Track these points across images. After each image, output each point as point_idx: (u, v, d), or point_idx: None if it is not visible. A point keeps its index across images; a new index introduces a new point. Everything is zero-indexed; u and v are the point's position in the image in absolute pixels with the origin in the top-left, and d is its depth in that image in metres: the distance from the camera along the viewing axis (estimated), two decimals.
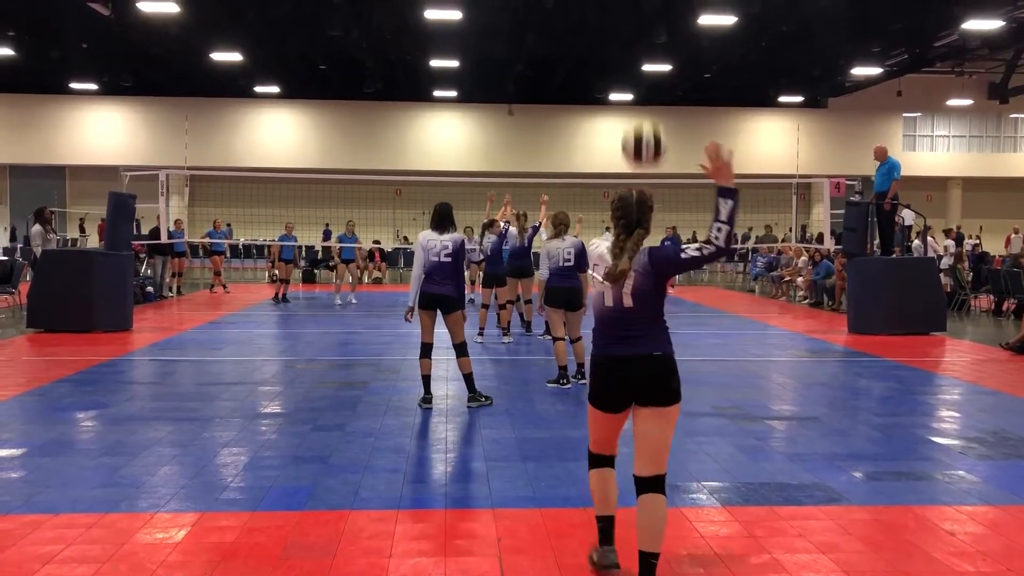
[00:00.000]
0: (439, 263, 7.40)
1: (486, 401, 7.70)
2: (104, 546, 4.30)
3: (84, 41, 25.61)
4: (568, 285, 8.56)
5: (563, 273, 8.56)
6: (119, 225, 13.52)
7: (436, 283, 7.41)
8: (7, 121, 32.98)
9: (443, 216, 7.53)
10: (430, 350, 7.60)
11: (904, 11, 22.30)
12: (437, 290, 7.41)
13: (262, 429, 6.80)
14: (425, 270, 7.44)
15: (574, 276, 8.53)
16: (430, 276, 7.43)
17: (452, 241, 7.45)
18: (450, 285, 7.42)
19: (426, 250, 7.43)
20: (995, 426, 7.07)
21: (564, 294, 8.53)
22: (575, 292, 8.52)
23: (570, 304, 8.58)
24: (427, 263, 7.42)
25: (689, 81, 30.82)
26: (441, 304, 7.43)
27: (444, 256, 7.40)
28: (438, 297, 7.41)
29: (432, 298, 7.42)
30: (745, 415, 7.49)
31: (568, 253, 8.57)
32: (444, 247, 7.41)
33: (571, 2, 21.24)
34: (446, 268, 7.40)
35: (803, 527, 4.66)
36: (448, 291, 7.41)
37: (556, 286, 8.58)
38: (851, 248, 13.97)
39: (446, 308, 7.44)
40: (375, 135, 33.81)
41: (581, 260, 8.45)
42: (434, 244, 7.42)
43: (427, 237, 7.48)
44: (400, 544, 4.37)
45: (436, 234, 7.47)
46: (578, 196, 31.22)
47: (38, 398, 7.93)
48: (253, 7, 22.19)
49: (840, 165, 31.41)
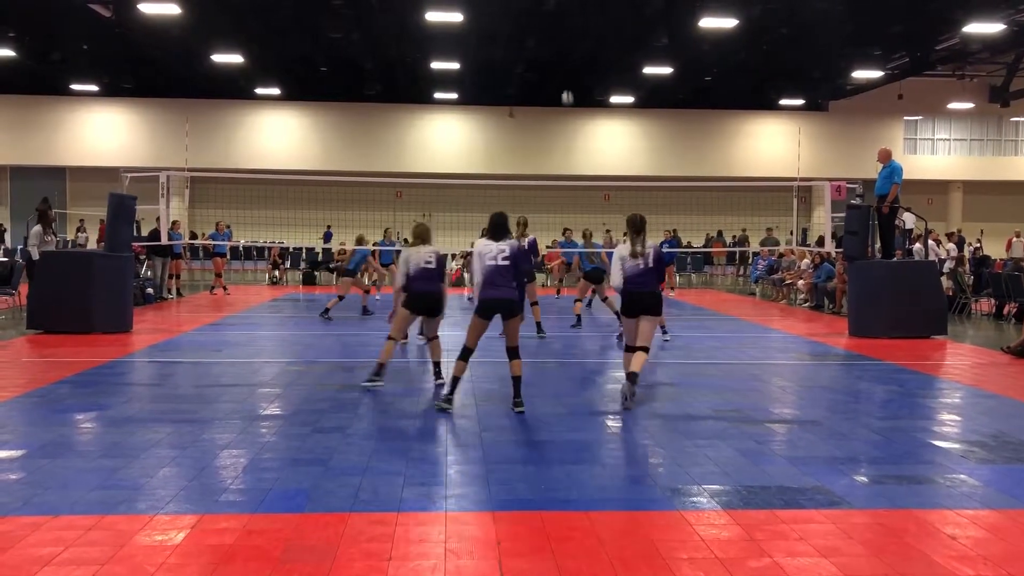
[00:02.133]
0: (497, 267, 7.34)
1: (520, 409, 7.43)
2: (103, 548, 4.28)
3: (85, 42, 25.63)
4: (429, 290, 8.42)
5: (425, 277, 8.41)
6: (119, 227, 13.52)
7: (497, 288, 7.34)
8: (8, 122, 32.98)
9: (499, 226, 7.52)
10: (470, 355, 7.51)
11: (905, 14, 22.31)
12: (498, 295, 7.33)
13: (262, 431, 6.79)
14: (483, 276, 7.37)
15: (435, 281, 8.46)
16: (490, 281, 7.36)
17: (509, 245, 7.41)
18: (512, 289, 7.36)
19: (482, 256, 7.38)
20: (996, 430, 7.06)
21: (425, 300, 8.43)
22: (435, 297, 8.49)
23: (430, 311, 8.62)
24: (484, 268, 7.36)
25: (690, 84, 30.83)
26: (503, 309, 7.35)
27: (502, 259, 7.34)
28: (501, 302, 7.34)
29: (494, 303, 7.34)
30: (745, 418, 7.48)
31: (430, 258, 8.43)
32: (501, 250, 7.37)
33: (572, 5, 21.25)
34: (505, 271, 7.33)
35: (804, 531, 4.65)
36: (510, 295, 7.35)
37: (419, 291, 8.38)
38: (852, 251, 13.96)
39: (509, 312, 7.37)
40: (376, 137, 33.82)
41: (442, 267, 8.49)
42: (490, 249, 7.40)
43: (483, 243, 7.47)
44: (400, 547, 4.36)
45: (492, 242, 7.45)
46: (579, 199, 31.30)
47: (37, 399, 7.91)
48: (254, 9, 22.21)
49: (841, 168, 31.40)
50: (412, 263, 8.41)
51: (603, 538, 4.50)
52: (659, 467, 5.88)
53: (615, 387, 9.03)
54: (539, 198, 25.89)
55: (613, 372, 10.09)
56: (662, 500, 5.16)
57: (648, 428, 7.07)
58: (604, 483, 5.51)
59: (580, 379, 9.65)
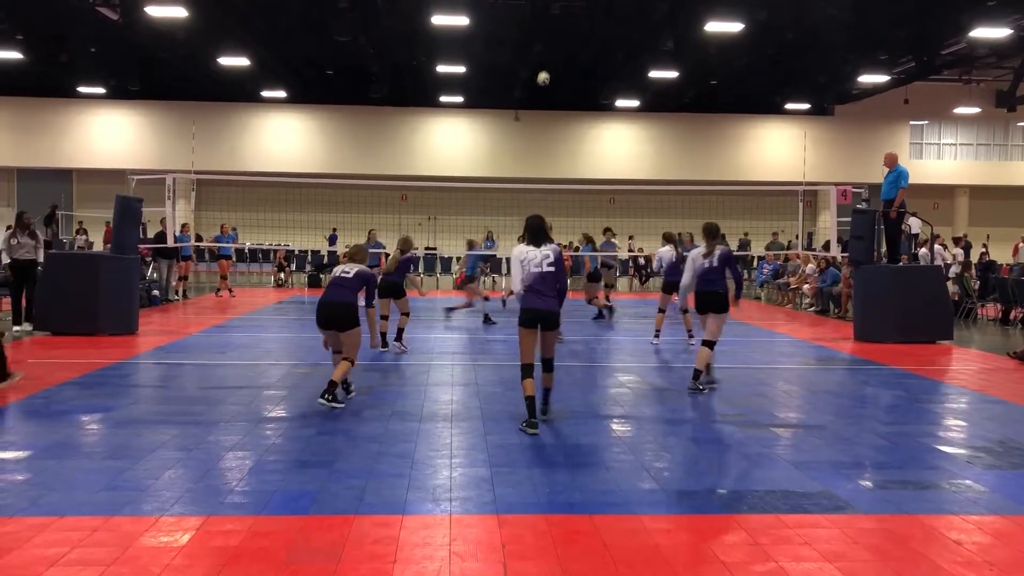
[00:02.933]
0: (542, 274, 6.99)
1: (545, 418, 7.27)
2: (109, 549, 4.30)
3: (92, 45, 25.71)
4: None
5: (336, 284, 7.96)
6: (125, 229, 13.55)
7: (541, 297, 6.98)
8: (15, 124, 33.10)
9: (538, 230, 7.18)
10: (532, 370, 7.06)
11: (911, 19, 22.28)
12: (543, 306, 6.97)
13: (267, 433, 6.80)
14: (525, 284, 7.02)
15: (345, 292, 7.88)
16: (534, 290, 7.00)
17: (552, 251, 7.09)
18: (554, 299, 7.03)
19: (526, 262, 7.04)
20: (1002, 435, 7.04)
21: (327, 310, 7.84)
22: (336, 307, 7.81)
23: (332, 322, 7.86)
24: (528, 276, 7.00)
25: (695, 88, 30.83)
26: (545, 320, 7.02)
27: (547, 265, 7.00)
28: (544, 314, 6.98)
29: (537, 314, 6.98)
30: (751, 422, 7.47)
31: (348, 270, 8.07)
32: (545, 256, 7.03)
33: (578, 9, 21.27)
34: (549, 279, 6.99)
35: (809, 535, 4.64)
36: (553, 306, 7.02)
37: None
38: (858, 256, 13.93)
39: (550, 324, 7.05)
40: (381, 140, 33.87)
41: (363, 283, 8.00)
42: (535, 255, 7.05)
43: (524, 249, 7.13)
44: (404, 550, 4.36)
45: (534, 247, 7.11)
46: (584, 202, 31.31)
47: (43, 401, 7.94)
48: (261, 12, 22.28)
49: (847, 173, 31.38)
50: (333, 272, 8.11)
51: (608, 542, 4.50)
52: (664, 471, 5.87)
53: (619, 390, 9.04)
54: (544, 201, 25.86)
55: (617, 375, 10.09)
56: (667, 504, 5.16)
57: (653, 432, 7.06)
58: (609, 486, 5.51)
59: (584, 382, 9.65)
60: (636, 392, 8.97)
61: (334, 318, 7.75)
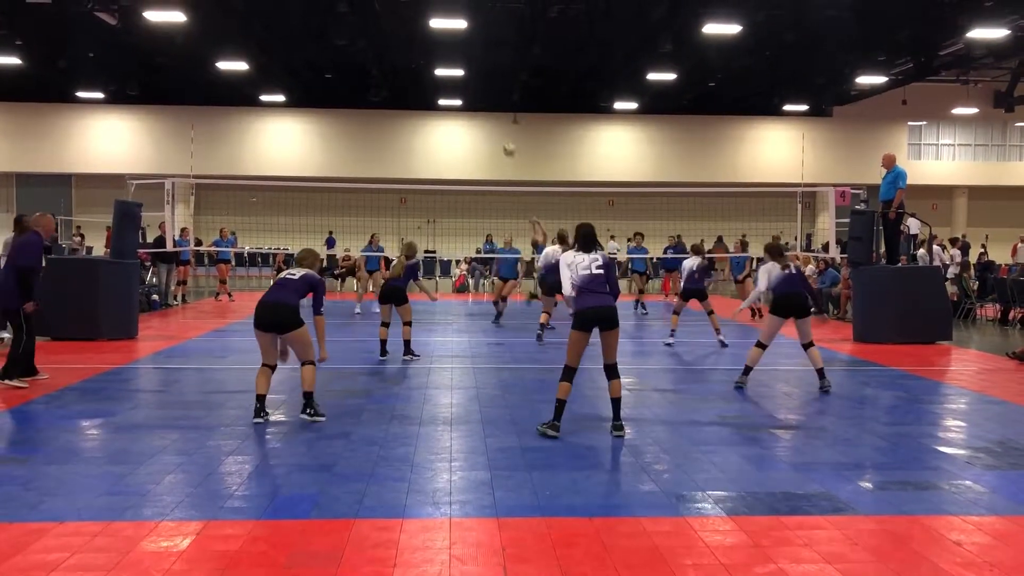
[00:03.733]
0: (592, 275, 6.85)
1: (626, 433, 6.95)
2: (109, 554, 4.30)
3: (91, 50, 25.73)
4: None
5: (278, 285, 7.63)
6: (125, 233, 13.56)
7: (597, 295, 6.80)
8: (14, 129, 33.11)
9: (589, 237, 7.08)
10: (574, 375, 6.87)
11: (909, 20, 22.31)
12: (600, 302, 6.75)
13: (267, 437, 6.80)
14: (580, 284, 6.86)
15: (287, 292, 7.47)
16: (588, 289, 6.82)
17: (602, 256, 6.99)
18: (610, 296, 6.86)
19: (575, 266, 6.92)
20: (1002, 436, 7.04)
21: (268, 311, 7.44)
22: (277, 309, 7.39)
23: (274, 325, 7.42)
24: (580, 277, 6.86)
25: (694, 90, 30.85)
26: (605, 319, 6.76)
27: (596, 268, 6.87)
28: (602, 311, 6.73)
29: (595, 312, 6.73)
30: (750, 424, 7.47)
31: (294, 272, 7.73)
32: (594, 259, 6.92)
33: (575, 11, 21.30)
34: (601, 280, 6.85)
35: (809, 537, 4.64)
36: (611, 303, 6.82)
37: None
38: (857, 257, 13.94)
39: (610, 322, 6.78)
40: (380, 143, 33.87)
41: (311, 287, 7.61)
42: (583, 259, 6.94)
43: (572, 255, 7.02)
44: (405, 553, 4.37)
45: (583, 253, 7.00)
46: (583, 205, 31.28)
47: (43, 406, 7.94)
48: (259, 16, 22.28)
49: (845, 174, 31.39)
50: (280, 276, 7.76)
51: (608, 544, 4.50)
52: (664, 473, 5.87)
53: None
54: (543, 204, 25.88)
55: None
56: (667, 506, 5.16)
57: (653, 434, 7.06)
58: (609, 489, 5.51)
59: (585, 385, 9.64)
60: (636, 394, 8.97)
61: (273, 319, 7.30)
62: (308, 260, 7.90)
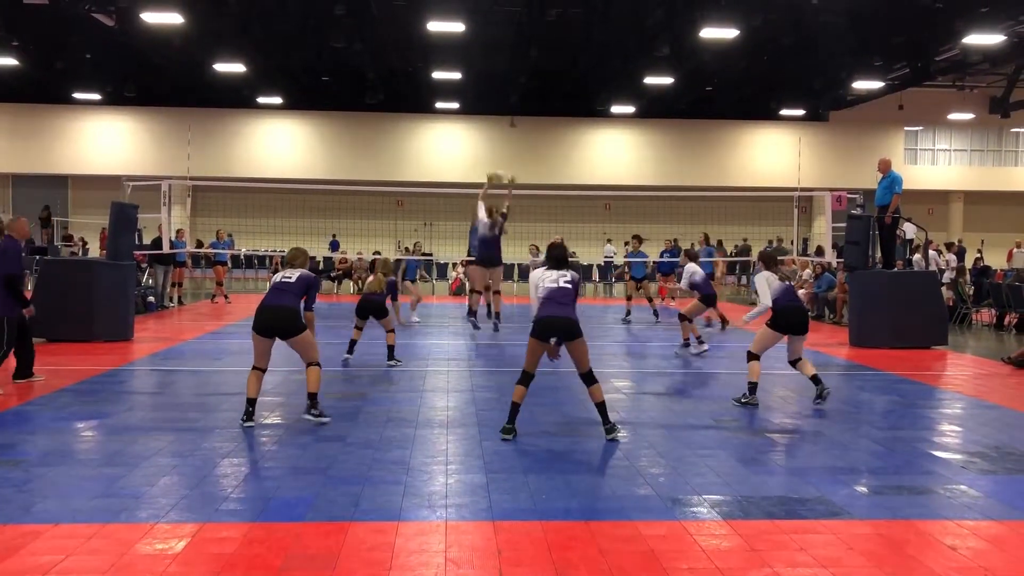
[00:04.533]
0: (559, 288, 6.92)
1: (620, 434, 6.98)
2: (104, 557, 4.29)
3: (88, 51, 25.73)
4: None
5: (277, 289, 7.54)
6: (121, 235, 13.54)
7: (559, 305, 6.84)
8: (11, 130, 33.07)
9: (560, 260, 7.17)
10: (530, 380, 6.95)
11: (906, 25, 22.37)
12: (559, 312, 6.79)
13: (262, 440, 6.79)
14: (542, 296, 6.92)
15: (288, 295, 7.45)
16: (551, 299, 6.87)
17: (571, 274, 7.08)
18: (571, 307, 6.89)
19: (542, 280, 7.02)
20: (997, 440, 7.06)
21: (272, 314, 7.40)
22: (282, 313, 7.36)
23: (280, 331, 7.38)
24: (545, 290, 6.93)
25: (691, 94, 30.90)
26: (563, 329, 6.80)
27: (563, 282, 6.95)
28: (560, 320, 6.78)
29: (552, 322, 6.79)
30: (746, 428, 7.48)
31: (290, 275, 7.60)
32: (563, 274, 7.02)
33: (573, 15, 21.33)
34: (566, 293, 6.91)
35: (805, 541, 4.65)
36: (571, 314, 6.84)
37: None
38: (853, 261, 13.97)
39: (568, 333, 6.80)
40: (377, 146, 33.89)
41: (306, 287, 7.53)
42: (550, 274, 7.04)
43: (539, 272, 7.15)
44: (400, 556, 4.36)
45: (553, 270, 7.09)
46: (580, 208, 31.34)
47: (39, 407, 7.92)
48: (257, 19, 22.29)
49: (842, 178, 31.45)
50: (274, 278, 7.70)
51: (604, 548, 4.50)
52: (660, 477, 5.87)
53: (615, 396, 9.04)
54: (540, 207, 25.92)
55: (614, 381, 10.09)
56: (663, 510, 5.16)
57: (649, 437, 7.06)
58: (605, 492, 5.51)
59: (580, 388, 9.63)
60: (632, 397, 8.98)
61: (276, 325, 7.27)
62: (300, 259, 7.84)
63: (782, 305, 8.63)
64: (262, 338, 7.31)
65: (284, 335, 7.31)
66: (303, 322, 7.37)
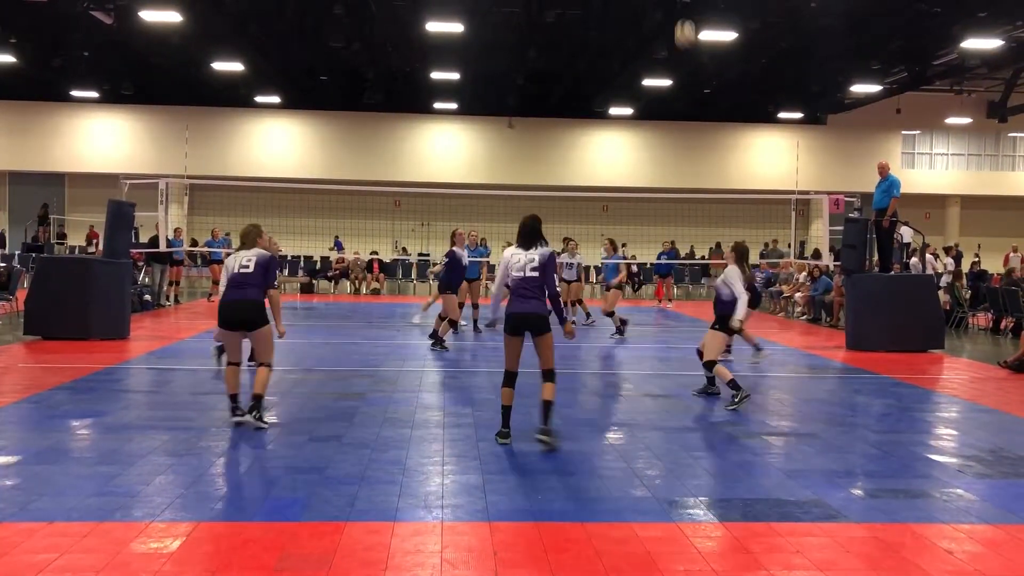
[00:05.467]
0: (525, 278, 6.69)
1: (554, 441, 6.67)
2: (98, 555, 4.27)
3: (86, 49, 25.65)
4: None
5: (238, 283, 7.33)
6: (118, 233, 13.51)
7: (526, 300, 6.66)
8: (7, 128, 32.98)
9: (532, 231, 6.84)
10: (515, 379, 6.77)
11: (903, 30, 22.39)
12: (528, 308, 6.63)
13: (258, 439, 6.78)
14: (510, 286, 6.77)
15: (251, 288, 7.28)
16: (518, 294, 6.70)
17: (540, 255, 6.74)
18: (539, 301, 6.67)
19: (509, 266, 6.79)
20: (993, 444, 7.06)
21: (234, 309, 7.32)
22: (245, 306, 7.25)
23: (244, 324, 7.30)
24: (511, 280, 6.75)
25: (689, 97, 30.90)
26: (533, 325, 6.64)
27: (530, 270, 6.69)
28: (530, 317, 6.62)
29: (523, 318, 6.63)
30: (743, 431, 7.48)
31: (248, 261, 7.37)
32: (531, 260, 6.72)
33: (572, 17, 21.32)
34: (534, 283, 6.68)
35: (800, 544, 4.65)
36: (541, 309, 6.65)
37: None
38: (850, 265, 13.99)
39: (538, 328, 6.66)
40: (375, 146, 33.85)
41: (266, 272, 7.33)
42: (519, 259, 6.77)
43: (512, 251, 6.88)
44: (396, 557, 4.35)
45: (522, 250, 6.82)
46: (577, 209, 31.30)
47: (34, 405, 7.90)
48: (255, 18, 22.26)
49: (839, 182, 31.46)
50: (230, 268, 7.42)
51: (600, 549, 4.50)
52: (656, 479, 5.87)
53: (611, 398, 9.05)
54: (537, 209, 25.68)
55: (610, 383, 10.10)
56: (659, 512, 5.16)
57: (645, 439, 7.06)
58: (601, 494, 5.50)
59: (577, 389, 9.64)
60: (629, 400, 8.97)
61: (240, 317, 7.15)
62: (252, 235, 7.50)
63: (731, 308, 8.57)
64: (230, 332, 7.24)
65: (249, 328, 7.19)
66: (266, 315, 7.22)
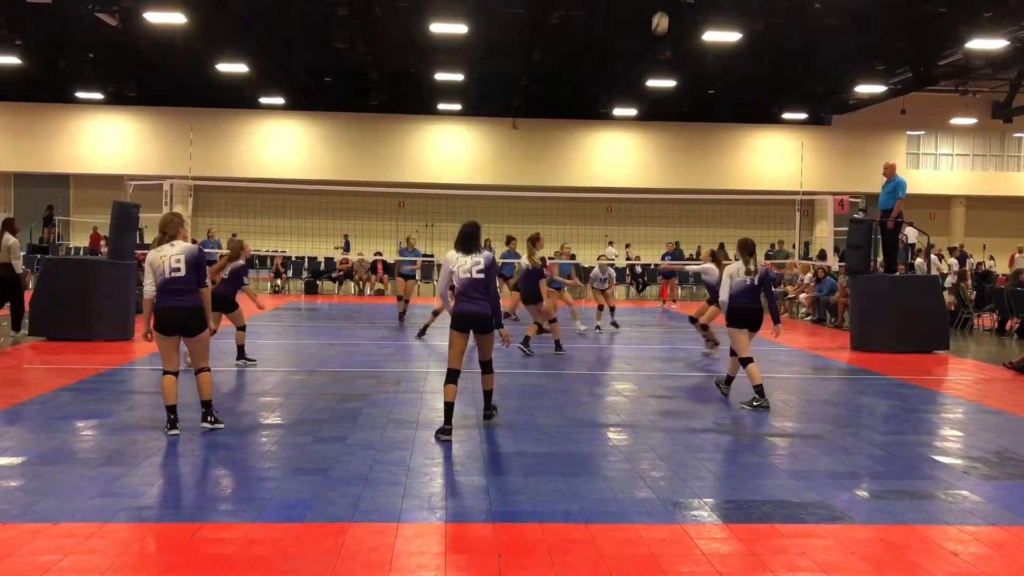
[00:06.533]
0: (472, 280, 6.98)
1: (491, 413, 7.55)
2: (103, 556, 4.28)
3: (91, 51, 25.72)
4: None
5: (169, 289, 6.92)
6: (122, 234, 13.54)
7: (473, 302, 6.97)
8: (13, 129, 33.08)
9: (470, 238, 7.12)
10: (457, 376, 7.08)
11: (908, 30, 22.35)
12: (475, 309, 6.96)
13: (262, 440, 6.79)
14: (458, 288, 7.05)
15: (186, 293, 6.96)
16: (464, 294, 7.00)
17: (484, 258, 7.07)
18: (486, 303, 7.00)
19: (454, 268, 7.06)
20: (998, 446, 7.04)
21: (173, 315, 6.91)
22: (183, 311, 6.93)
23: (184, 329, 7.02)
24: (458, 281, 7.03)
25: (693, 97, 30.88)
26: (478, 324, 7.00)
27: (476, 272, 6.98)
28: (476, 317, 6.97)
29: (469, 317, 6.98)
30: (747, 432, 7.47)
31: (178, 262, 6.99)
32: (476, 263, 7.00)
33: (576, 18, 21.32)
34: (479, 285, 6.98)
35: (805, 545, 4.64)
36: (485, 310, 6.98)
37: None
38: (855, 265, 13.96)
39: (482, 328, 7.04)
40: (379, 147, 33.87)
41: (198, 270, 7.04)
42: (463, 262, 7.04)
43: (452, 257, 7.11)
44: (400, 558, 4.35)
45: (464, 254, 7.08)
46: (581, 210, 31.31)
47: (39, 406, 7.91)
48: (259, 19, 22.29)
49: (844, 182, 31.41)
50: (157, 269, 6.90)
51: (604, 551, 4.49)
52: (660, 480, 5.86)
53: (616, 399, 9.03)
54: (541, 209, 25.92)
55: (614, 384, 10.09)
56: (663, 513, 5.15)
57: (650, 441, 7.05)
58: (605, 495, 5.50)
59: (581, 391, 9.63)
60: (633, 401, 8.96)
61: (178, 323, 6.87)
62: (174, 224, 7.11)
63: (737, 304, 8.62)
64: (166, 338, 6.89)
65: (186, 332, 6.95)
66: (205, 319, 7.03)
